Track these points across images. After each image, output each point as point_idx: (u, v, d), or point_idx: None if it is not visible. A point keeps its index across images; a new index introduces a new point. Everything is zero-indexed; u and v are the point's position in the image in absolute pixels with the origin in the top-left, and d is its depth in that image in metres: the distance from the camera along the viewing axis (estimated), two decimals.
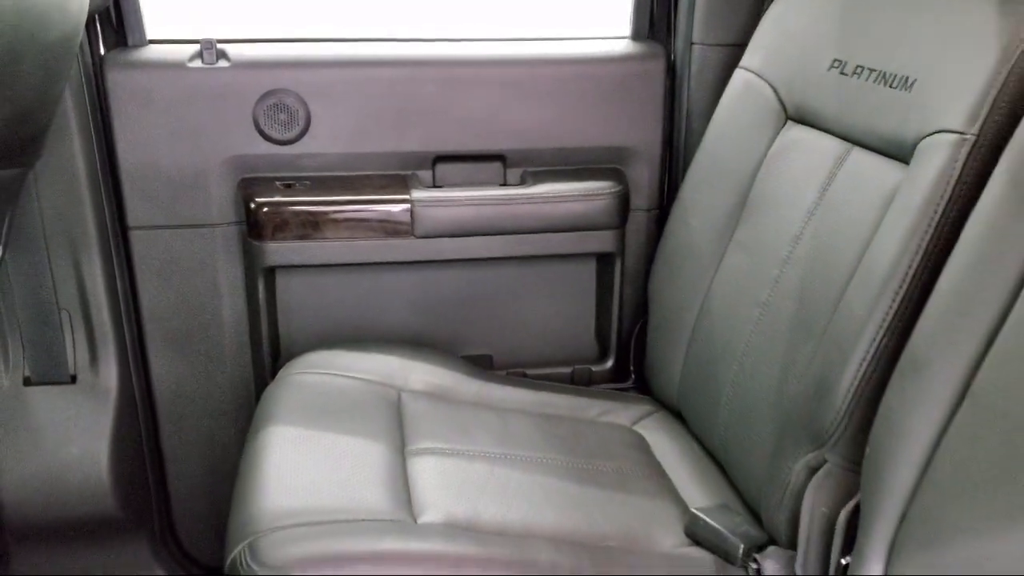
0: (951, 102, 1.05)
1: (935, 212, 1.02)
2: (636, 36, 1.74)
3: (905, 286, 1.02)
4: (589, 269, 1.78)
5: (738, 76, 1.52)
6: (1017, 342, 0.83)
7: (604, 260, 1.76)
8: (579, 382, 1.76)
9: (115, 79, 1.56)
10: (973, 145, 1.00)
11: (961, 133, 1.02)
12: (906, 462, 0.92)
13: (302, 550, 1.04)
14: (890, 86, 1.17)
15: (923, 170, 1.05)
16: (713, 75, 1.62)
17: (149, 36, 1.62)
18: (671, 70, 1.70)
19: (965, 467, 0.86)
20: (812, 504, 1.08)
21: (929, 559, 0.87)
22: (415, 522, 1.14)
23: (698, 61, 1.65)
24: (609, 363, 1.79)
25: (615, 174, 1.71)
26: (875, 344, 1.04)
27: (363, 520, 1.12)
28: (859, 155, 1.23)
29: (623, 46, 1.73)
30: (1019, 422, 0.80)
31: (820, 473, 1.09)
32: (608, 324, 1.77)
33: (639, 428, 1.53)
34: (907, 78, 1.14)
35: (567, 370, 1.78)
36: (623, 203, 1.71)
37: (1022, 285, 0.85)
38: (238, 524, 1.12)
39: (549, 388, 1.61)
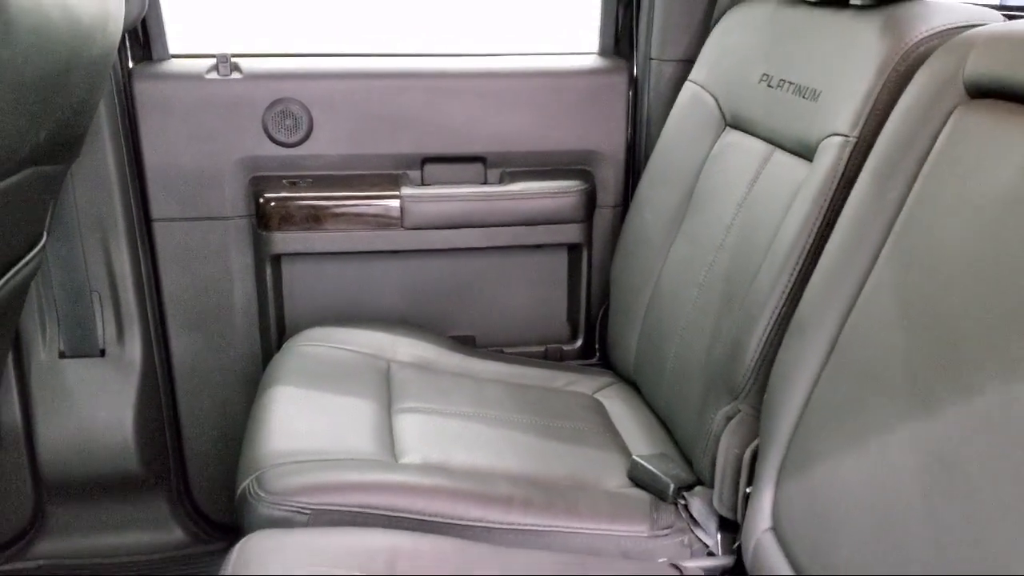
0: (842, 110, 1.26)
1: (824, 201, 1.23)
2: (603, 52, 1.95)
3: (800, 263, 1.23)
4: (561, 259, 1.99)
5: (687, 88, 1.74)
6: (868, 307, 1.04)
7: (573, 251, 1.97)
8: (551, 359, 1.97)
9: (142, 89, 1.78)
10: (854, 146, 1.21)
11: (846, 136, 1.23)
12: (790, 405, 1.13)
13: (301, 480, 1.26)
14: (803, 97, 1.38)
15: (819, 167, 1.26)
16: (667, 87, 1.84)
17: (171, 51, 1.84)
18: (633, 82, 1.91)
19: (828, 405, 1.06)
20: (727, 447, 1.28)
21: (802, 479, 1.08)
22: (396, 462, 1.36)
23: (655, 75, 1.86)
24: (579, 343, 2.00)
25: (583, 174, 1.93)
26: (776, 312, 1.25)
27: (353, 459, 1.33)
28: (779, 156, 1.43)
29: (591, 61, 1.95)
30: (866, 368, 1.01)
31: (734, 420, 1.29)
32: (577, 308, 1.99)
33: (599, 396, 1.74)
34: (815, 90, 1.35)
35: (541, 349, 1.99)
36: (590, 200, 1.92)
37: (876, 261, 1.06)
38: (247, 462, 1.33)
39: (523, 362, 1.82)
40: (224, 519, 1.98)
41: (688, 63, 1.78)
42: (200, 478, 1.97)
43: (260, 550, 1.10)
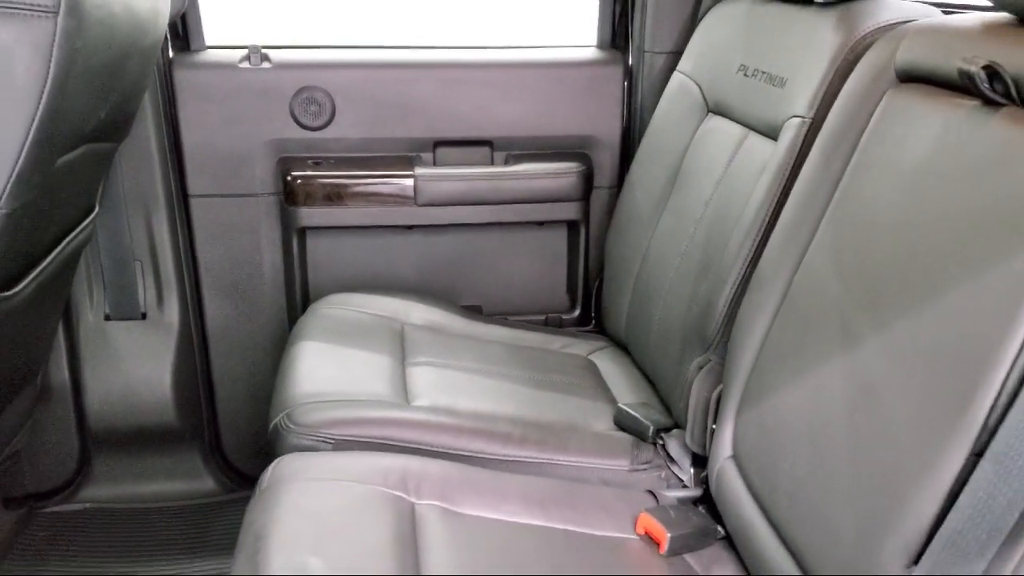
0: (801, 94, 1.43)
1: (784, 175, 1.40)
2: (600, 45, 2.13)
3: (762, 230, 1.41)
4: (560, 235, 2.17)
5: (675, 78, 1.91)
6: (812, 263, 1.22)
7: (572, 227, 2.15)
8: (551, 326, 2.15)
9: (181, 77, 1.97)
10: (810, 126, 1.38)
11: (803, 117, 1.40)
12: (747, 351, 1.30)
13: (325, 415, 1.44)
14: (772, 84, 1.55)
15: (781, 145, 1.44)
16: (658, 77, 2.01)
17: (208, 42, 2.03)
18: (627, 73, 2.09)
19: (777, 348, 1.24)
20: (697, 391, 1.46)
21: (755, 412, 1.25)
22: (408, 404, 1.54)
23: (647, 66, 2.03)
24: (576, 312, 2.18)
25: (581, 157, 2.10)
26: (740, 273, 1.42)
27: (370, 400, 1.51)
28: (752, 138, 1.61)
29: (590, 53, 2.13)
30: (807, 315, 1.19)
31: (704, 369, 1.47)
32: (576, 279, 2.17)
33: (592, 357, 1.91)
34: (782, 78, 1.53)
35: (541, 317, 2.17)
36: (587, 181, 2.10)
37: (820, 223, 1.23)
38: (278, 402, 1.52)
39: (524, 327, 2.00)
40: (251, 471, 2.16)
41: (677, 55, 1.95)
42: (230, 432, 2.16)
43: (290, 468, 1.28)
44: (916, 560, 0.88)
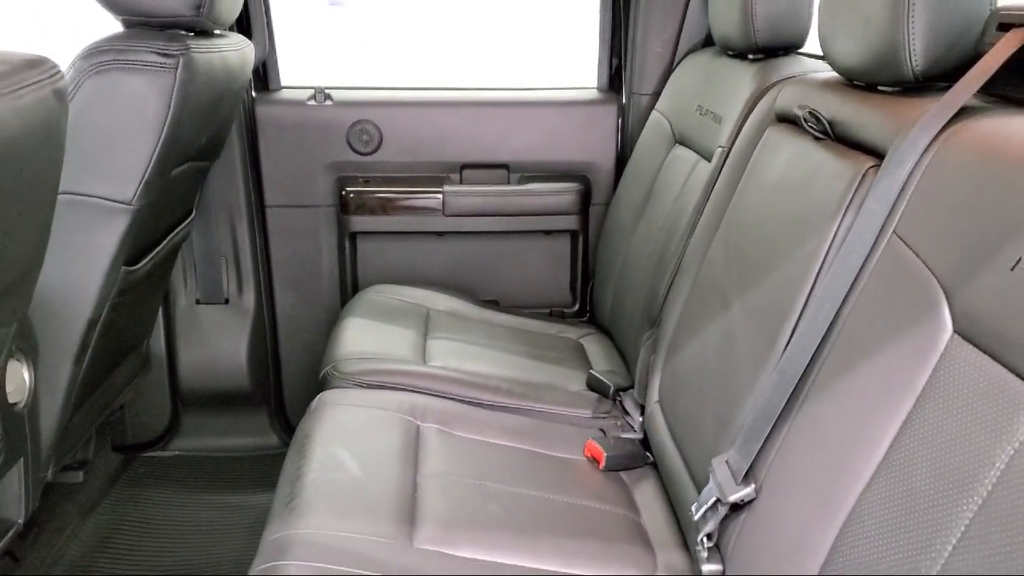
0: (726, 129, 1.86)
1: (707, 190, 1.83)
2: (600, 88, 2.59)
3: (689, 228, 1.84)
4: (564, 242, 2.62)
5: (653, 115, 2.36)
6: (712, 253, 1.65)
7: (573, 236, 2.60)
8: (555, 318, 2.59)
9: (261, 111, 2.48)
10: (727, 153, 1.81)
11: (723, 147, 1.83)
12: (671, 320, 1.74)
13: (362, 367, 1.91)
14: (714, 121, 1.99)
15: (708, 168, 1.87)
16: (643, 113, 2.45)
17: (283, 83, 2.54)
18: (621, 111, 2.54)
19: (688, 315, 1.67)
20: (643, 357, 1.89)
21: (671, 363, 1.68)
22: (425, 363, 2.00)
23: (635, 105, 2.48)
24: (576, 306, 2.63)
25: (581, 179, 2.56)
26: (675, 265, 1.85)
27: (396, 358, 1.98)
28: (701, 163, 2.04)
29: (590, 94, 2.58)
30: (706, 289, 1.62)
31: (649, 340, 1.90)
32: (576, 280, 2.61)
33: (582, 340, 2.35)
34: (719, 116, 1.96)
35: (546, 311, 2.61)
36: (586, 198, 2.55)
37: (719, 225, 1.66)
38: (326, 359, 2.00)
39: (529, 316, 2.45)
40: None
41: (657, 96, 2.40)
42: (291, 397, 2.64)
43: (332, 397, 1.76)
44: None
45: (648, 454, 1.75)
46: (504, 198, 2.53)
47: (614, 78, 2.57)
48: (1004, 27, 1.20)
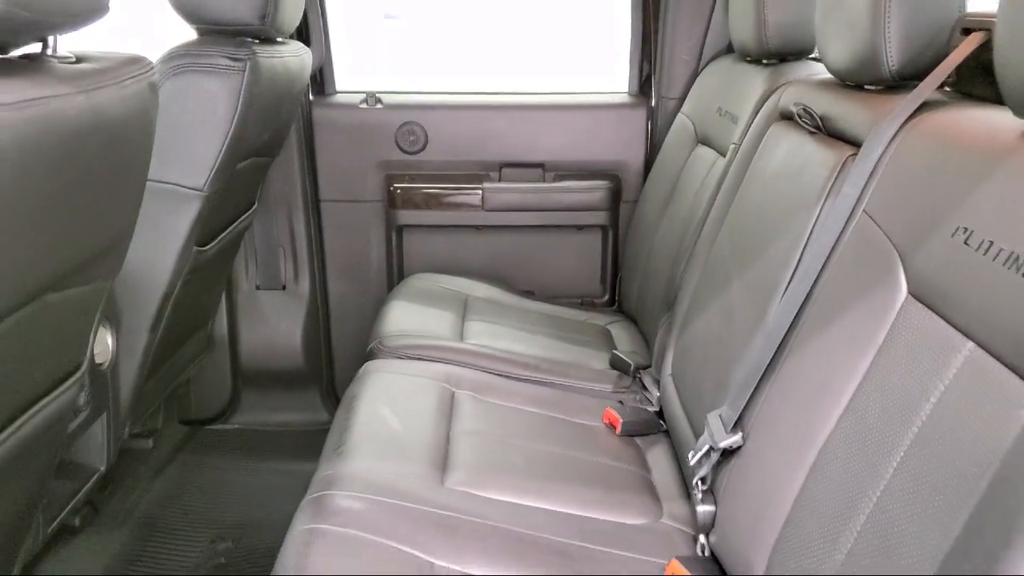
0: (739, 127, 2.03)
1: (721, 183, 2.00)
2: (630, 92, 2.77)
3: (703, 219, 2.00)
4: (596, 237, 2.80)
5: (679, 117, 2.53)
6: (720, 240, 1.81)
7: (604, 231, 2.78)
8: (586, 307, 2.77)
9: (318, 113, 2.71)
10: (737, 149, 1.98)
11: (736, 144, 2.00)
12: (684, 302, 1.91)
13: (404, 342, 2.11)
14: (731, 120, 2.15)
15: (723, 163, 2.04)
16: (670, 116, 2.62)
17: (338, 88, 2.76)
18: (650, 114, 2.71)
19: (698, 298, 1.84)
20: (661, 336, 2.06)
21: (683, 340, 1.85)
22: (462, 341, 2.19)
23: (663, 108, 2.66)
24: (606, 297, 2.80)
25: (612, 177, 2.73)
26: (690, 251, 2.02)
27: (436, 336, 2.17)
28: (720, 160, 2.20)
29: (623, 98, 2.76)
30: (713, 273, 1.78)
31: (666, 321, 2.07)
32: (606, 271, 2.79)
33: (609, 327, 2.52)
34: (735, 116, 2.13)
35: (579, 301, 2.79)
36: (616, 195, 2.72)
37: (727, 214, 1.83)
38: (373, 336, 2.20)
39: (561, 305, 2.63)
40: None
41: (682, 99, 2.57)
42: (341, 377, 2.85)
43: (377, 366, 1.96)
44: None
45: (662, 422, 1.92)
46: (539, 195, 2.71)
47: (644, 83, 2.75)
48: (967, 31, 1.36)
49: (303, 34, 2.62)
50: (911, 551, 0.98)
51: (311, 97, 2.72)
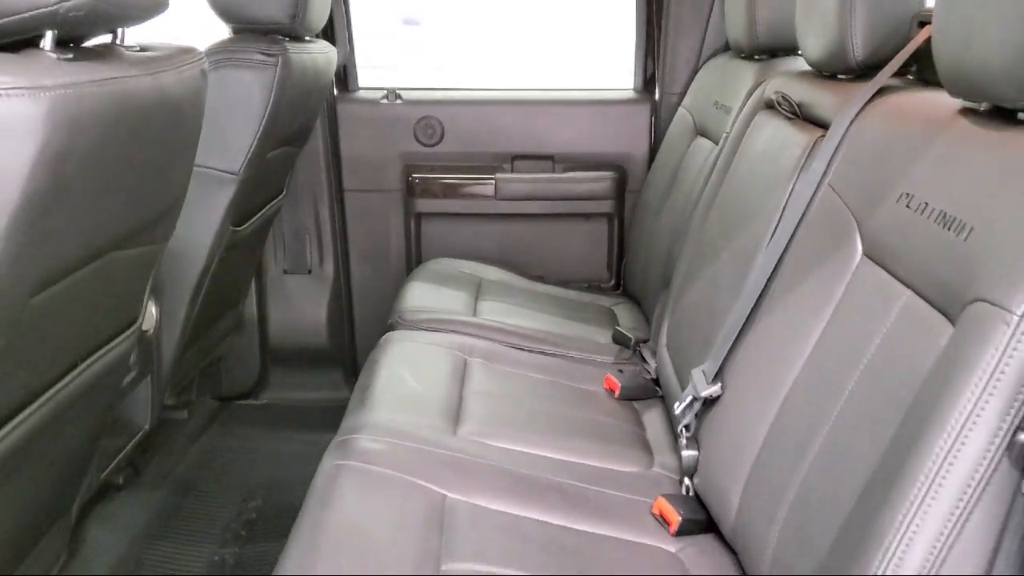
0: (731, 118, 2.19)
1: (714, 165, 2.16)
2: (635, 89, 2.94)
3: (697, 202, 2.17)
4: (602, 225, 2.96)
5: (680, 112, 2.70)
6: (709, 216, 1.98)
7: (610, 219, 2.95)
8: (593, 291, 2.93)
9: (341, 108, 2.89)
10: (729, 135, 2.14)
11: (727, 132, 2.17)
12: (679, 276, 2.07)
13: (422, 316, 2.28)
14: (724, 112, 2.32)
15: (716, 149, 2.20)
16: (672, 111, 2.79)
17: (361, 85, 2.95)
18: (653, 109, 2.88)
19: (690, 271, 2.00)
20: (658, 312, 2.22)
21: (675, 311, 2.01)
22: (475, 316, 2.37)
23: (665, 103, 2.82)
24: (612, 282, 2.97)
25: (618, 168, 2.90)
26: (686, 232, 2.19)
27: (452, 310, 2.35)
28: (715, 149, 2.36)
29: (628, 94, 2.94)
30: (702, 246, 1.95)
31: (664, 298, 2.23)
32: (612, 257, 2.96)
33: (613, 308, 2.69)
34: (728, 107, 2.29)
35: (586, 285, 2.95)
36: (621, 185, 2.89)
37: (718, 192, 1.99)
38: (394, 311, 2.38)
39: (569, 288, 2.79)
40: None
41: (683, 95, 2.73)
42: (363, 356, 3.01)
43: (397, 336, 2.14)
44: None
45: (657, 388, 2.08)
46: (549, 185, 2.89)
47: (648, 80, 2.92)
48: (923, 24, 1.53)
49: (328, 34, 2.81)
50: (854, 464, 1.14)
51: (335, 93, 2.90)
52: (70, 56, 1.07)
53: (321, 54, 2.39)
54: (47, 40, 1.05)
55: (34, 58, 1.03)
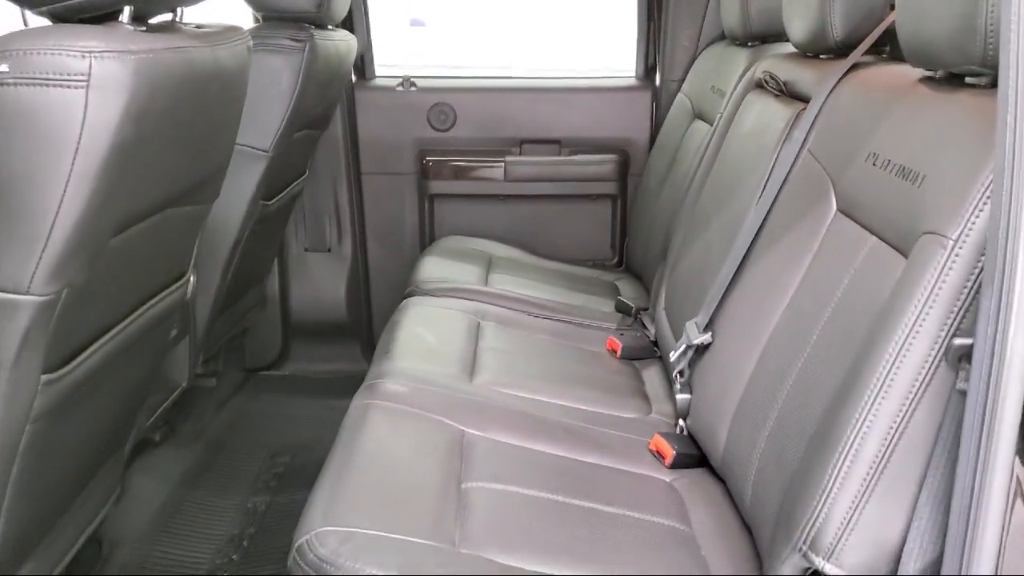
0: (724, 100, 2.36)
1: (706, 146, 2.33)
2: (637, 76, 3.11)
3: (692, 179, 2.34)
4: (606, 206, 3.13)
5: (679, 97, 2.87)
6: (704, 189, 2.15)
7: (613, 200, 3.11)
8: (597, 268, 3.10)
9: (360, 95, 3.07)
10: (722, 116, 2.31)
11: (721, 113, 2.33)
12: (675, 246, 2.24)
13: (438, 286, 2.45)
14: (720, 96, 2.48)
15: (712, 130, 2.37)
16: (672, 96, 2.96)
17: (377, 73, 3.12)
18: (654, 95, 3.05)
19: (686, 239, 2.17)
20: (656, 281, 2.39)
21: (670, 278, 2.18)
22: (487, 285, 2.54)
23: (665, 89, 2.99)
24: (615, 260, 3.14)
25: (621, 152, 3.07)
26: (683, 205, 2.35)
27: (466, 280, 2.51)
28: (711, 130, 2.53)
29: (630, 81, 3.10)
30: (697, 215, 2.11)
31: (663, 268, 2.39)
32: (615, 236, 3.12)
33: (616, 282, 2.86)
34: (723, 91, 2.46)
35: (591, 262, 3.12)
36: (624, 168, 3.06)
37: (712, 166, 2.16)
38: (410, 282, 2.54)
39: (574, 265, 2.96)
40: None
41: (682, 81, 2.90)
42: (379, 330, 3.19)
43: (415, 302, 2.31)
44: None
45: (656, 349, 2.25)
46: (556, 168, 3.06)
47: (649, 68, 3.09)
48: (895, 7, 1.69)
49: (348, 25, 2.98)
50: (822, 390, 1.31)
51: (354, 80, 3.07)
52: (144, 28, 1.25)
53: (343, 42, 2.55)
54: (125, 14, 1.23)
55: (116, 29, 1.20)
